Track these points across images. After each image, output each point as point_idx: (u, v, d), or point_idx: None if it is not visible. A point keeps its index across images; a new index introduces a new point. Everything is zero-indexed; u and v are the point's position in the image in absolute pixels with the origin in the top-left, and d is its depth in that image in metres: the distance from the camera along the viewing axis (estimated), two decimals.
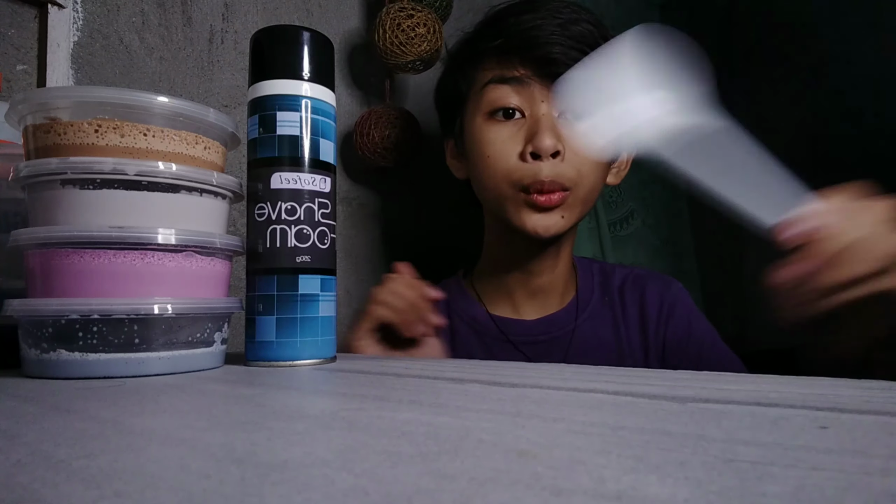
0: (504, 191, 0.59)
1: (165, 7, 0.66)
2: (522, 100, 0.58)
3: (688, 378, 0.29)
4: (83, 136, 0.33)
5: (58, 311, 0.31)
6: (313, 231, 0.38)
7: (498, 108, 0.59)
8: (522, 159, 0.58)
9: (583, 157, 0.58)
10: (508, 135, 0.59)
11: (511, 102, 0.59)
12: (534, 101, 0.58)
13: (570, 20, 0.58)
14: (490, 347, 0.66)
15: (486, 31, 0.62)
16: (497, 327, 0.66)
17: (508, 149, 0.58)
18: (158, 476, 0.13)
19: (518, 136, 0.58)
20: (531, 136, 0.57)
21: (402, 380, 0.30)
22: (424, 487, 0.12)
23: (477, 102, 0.61)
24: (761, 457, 0.14)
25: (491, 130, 0.60)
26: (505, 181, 0.59)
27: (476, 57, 0.62)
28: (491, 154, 0.59)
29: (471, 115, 0.62)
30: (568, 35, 0.57)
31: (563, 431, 0.17)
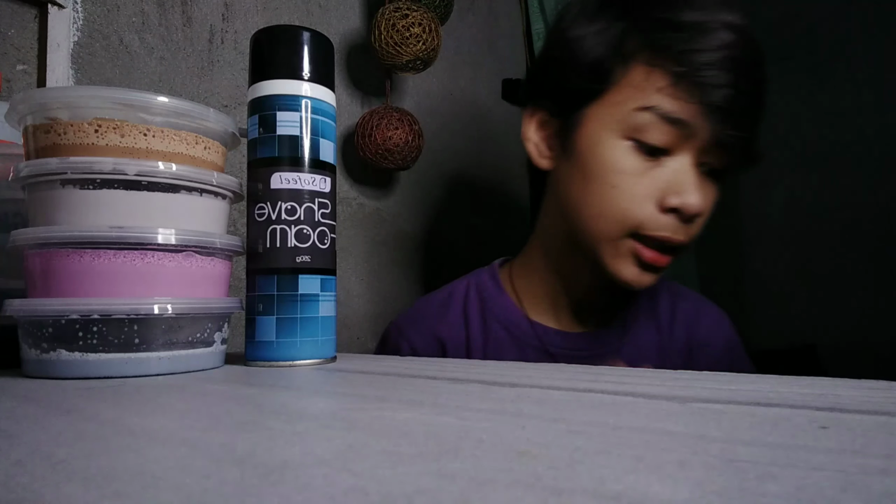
0: (612, 232, 0.51)
1: (165, 7, 0.66)
2: (677, 141, 0.49)
3: (688, 378, 0.29)
4: (83, 136, 0.33)
5: (58, 311, 0.31)
6: (313, 231, 0.38)
7: (646, 142, 0.49)
8: (658, 208, 0.49)
9: (704, 219, 0.52)
10: (643, 172, 0.50)
11: (660, 140, 0.49)
12: (689, 148, 0.49)
13: (754, 60, 0.49)
14: (526, 355, 0.59)
15: (663, 38, 0.49)
16: (537, 336, 0.59)
17: (641, 189, 0.49)
18: (158, 476, 0.13)
19: (656, 178, 0.49)
20: (676, 187, 0.49)
21: (402, 380, 0.30)
22: (424, 487, 0.12)
23: (620, 114, 0.50)
24: (761, 457, 0.14)
25: (629, 161, 0.50)
26: (622, 222, 0.50)
27: (642, 61, 0.49)
28: (618, 186, 0.50)
29: (605, 124, 0.51)
30: (752, 81, 0.49)
31: (563, 431, 0.17)
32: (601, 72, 0.51)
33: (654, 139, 0.49)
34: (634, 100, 0.49)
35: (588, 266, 0.56)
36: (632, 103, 0.49)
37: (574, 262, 0.58)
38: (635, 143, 0.50)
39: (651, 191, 0.50)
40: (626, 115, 0.50)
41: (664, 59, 0.48)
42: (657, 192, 0.49)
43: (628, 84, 0.50)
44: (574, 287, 0.60)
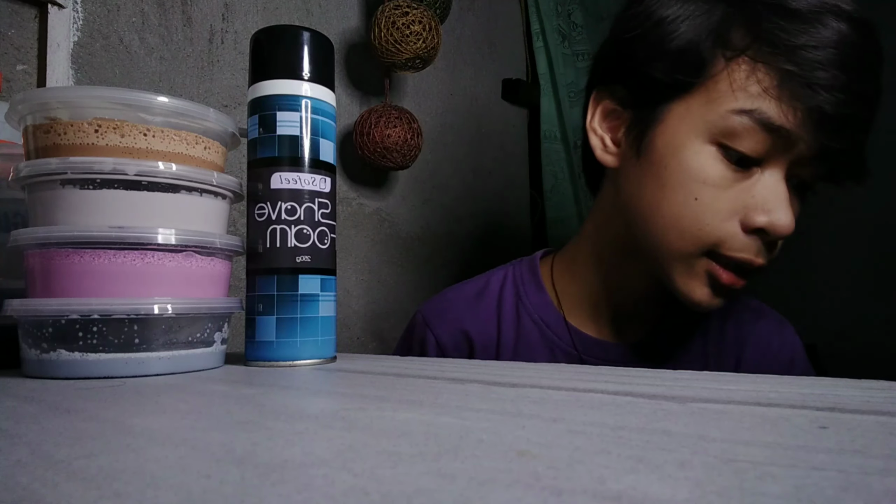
0: (687, 248, 0.45)
1: (165, 7, 0.66)
2: (772, 151, 0.43)
3: (688, 378, 0.29)
4: (83, 136, 0.33)
5: (58, 311, 0.31)
6: (313, 231, 0.38)
7: (736, 150, 0.43)
8: (743, 228, 0.44)
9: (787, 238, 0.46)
10: (731, 184, 0.44)
11: (758, 152, 0.43)
12: (782, 159, 0.43)
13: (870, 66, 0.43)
14: (557, 360, 0.54)
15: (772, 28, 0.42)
16: (572, 341, 0.54)
17: (725, 204, 0.44)
18: (158, 476, 0.13)
19: (744, 191, 0.44)
20: (765, 204, 0.43)
21: (402, 380, 0.30)
22: (424, 487, 0.12)
23: (710, 114, 0.43)
24: (761, 457, 0.14)
25: (715, 167, 0.44)
26: (701, 239, 0.44)
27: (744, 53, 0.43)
28: (701, 199, 0.44)
29: (693, 124, 0.44)
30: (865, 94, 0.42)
31: (563, 431, 0.17)
32: (695, 62, 0.44)
33: (746, 147, 0.43)
34: (732, 100, 0.42)
35: (644, 276, 0.51)
36: (729, 104, 0.43)
37: (627, 270, 0.53)
38: (722, 150, 0.44)
39: (736, 206, 0.44)
40: (719, 116, 0.43)
41: (773, 55, 0.41)
42: (742, 209, 0.43)
43: (727, 80, 0.43)
44: (622, 296, 0.54)
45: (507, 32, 1.25)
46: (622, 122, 0.50)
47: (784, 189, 0.44)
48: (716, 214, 0.44)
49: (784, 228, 0.43)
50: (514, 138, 1.27)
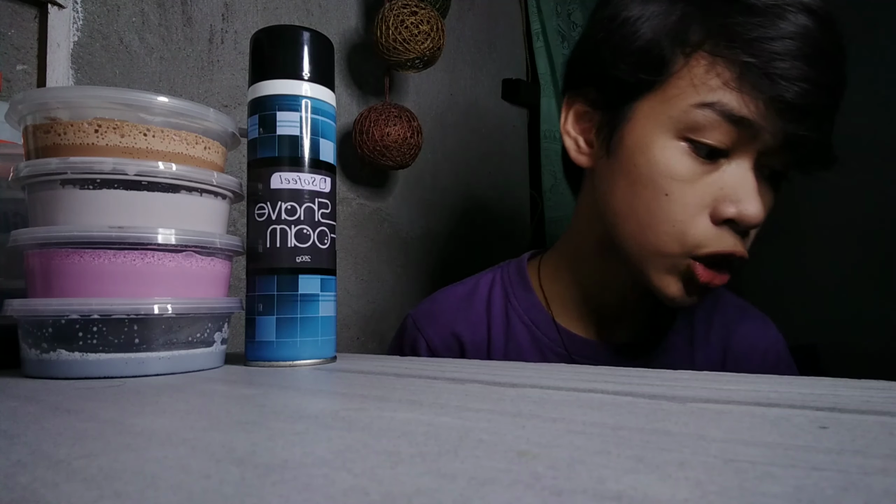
0: (666, 245, 0.45)
1: (165, 7, 0.66)
2: (738, 142, 0.44)
3: (688, 378, 0.29)
4: (83, 136, 0.33)
5: (58, 311, 0.31)
6: (313, 231, 0.38)
7: (703, 143, 0.44)
8: (713, 220, 0.44)
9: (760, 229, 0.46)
10: (700, 177, 0.44)
11: (723, 144, 0.43)
12: (749, 149, 0.44)
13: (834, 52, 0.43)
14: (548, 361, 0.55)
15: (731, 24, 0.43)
16: (562, 341, 0.55)
17: (695, 198, 0.44)
18: (158, 476, 0.13)
19: (710, 180, 0.44)
20: (733, 194, 0.43)
21: (402, 380, 0.30)
22: (424, 487, 0.12)
23: (675, 109, 0.44)
24: (761, 457, 0.14)
25: (683, 162, 0.44)
26: (676, 238, 0.45)
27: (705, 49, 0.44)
28: (672, 194, 0.44)
29: (659, 121, 0.45)
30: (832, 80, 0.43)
31: (563, 431, 0.17)
32: (657, 60, 0.45)
33: (712, 140, 0.43)
34: (694, 94, 0.43)
35: (622, 274, 0.52)
36: (691, 98, 0.43)
37: (610, 270, 0.53)
38: (689, 144, 0.44)
39: (706, 199, 0.44)
40: (683, 111, 0.44)
41: (731, 48, 0.42)
42: (712, 201, 0.44)
43: (688, 76, 0.44)
44: (607, 295, 0.55)
45: (507, 32, 1.25)
46: (594, 123, 0.51)
47: (752, 179, 0.44)
48: (686, 208, 0.44)
49: (753, 218, 0.43)
50: (514, 138, 1.27)
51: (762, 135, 0.43)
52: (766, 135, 0.43)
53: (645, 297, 0.54)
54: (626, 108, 0.47)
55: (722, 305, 0.59)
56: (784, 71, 0.41)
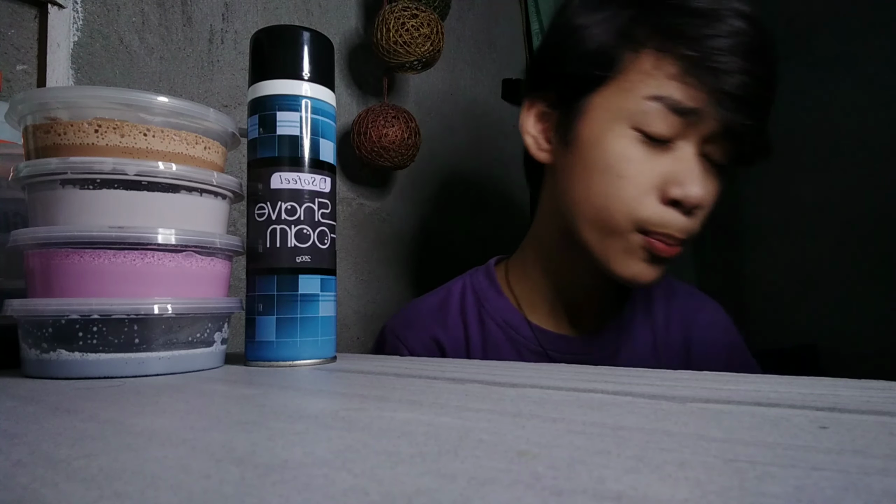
0: (620, 225, 0.49)
1: (165, 7, 0.66)
2: (679, 130, 0.48)
3: (688, 378, 0.29)
4: (83, 136, 0.33)
5: (58, 311, 0.31)
6: (313, 231, 0.38)
7: (653, 133, 0.48)
8: (660, 200, 0.48)
9: (708, 210, 0.50)
10: (649, 160, 0.49)
11: (663, 131, 0.48)
12: (691, 137, 0.48)
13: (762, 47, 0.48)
14: (525, 359, 0.58)
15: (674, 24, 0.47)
16: (536, 338, 0.58)
17: (644, 179, 0.48)
18: (158, 476, 0.13)
19: (659, 165, 0.48)
20: (678, 177, 0.48)
21: (402, 380, 0.30)
22: (424, 487, 0.12)
23: (627, 103, 0.49)
24: (761, 457, 0.14)
25: (635, 149, 0.48)
26: (628, 216, 0.49)
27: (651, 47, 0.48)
28: (626, 177, 0.48)
29: (611, 113, 0.49)
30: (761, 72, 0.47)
31: (563, 431, 0.17)
32: (608, 58, 0.49)
33: (660, 129, 0.47)
34: (643, 88, 0.48)
35: (585, 266, 0.55)
36: (641, 91, 0.48)
37: (571, 262, 0.57)
38: (640, 133, 0.48)
39: (655, 181, 0.48)
40: (634, 103, 0.48)
41: (675, 45, 0.47)
42: (662, 183, 0.48)
43: (637, 71, 0.48)
44: (573, 289, 0.58)
45: (507, 32, 1.25)
46: (552, 122, 0.55)
47: (696, 164, 0.48)
48: (638, 188, 0.48)
49: (696, 198, 0.48)
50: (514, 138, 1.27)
51: (706, 123, 0.47)
52: (709, 123, 0.47)
53: (609, 288, 0.58)
54: (581, 104, 0.51)
55: (677, 296, 0.64)
56: (725, 65, 0.46)
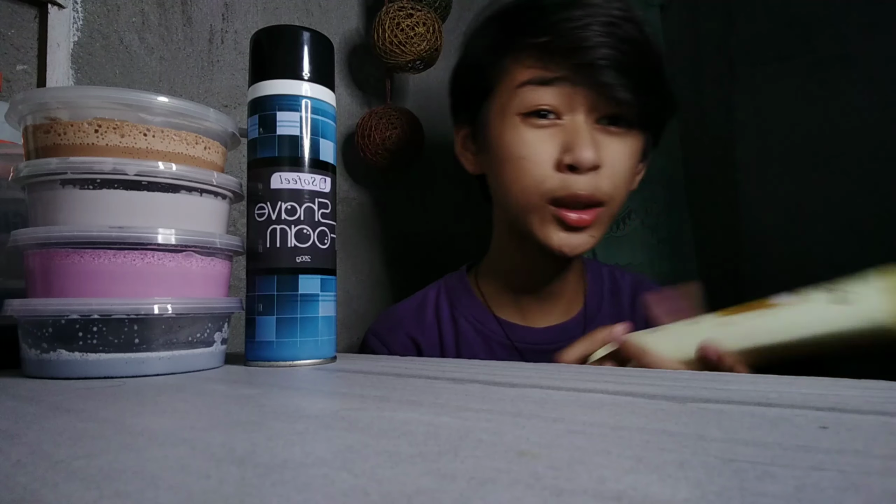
0: (533, 200, 0.55)
1: (165, 7, 0.67)
2: (561, 102, 0.54)
3: (688, 378, 0.29)
4: (83, 136, 0.33)
5: (58, 311, 0.31)
6: (313, 231, 0.38)
7: (535, 109, 0.55)
8: (558, 169, 0.54)
9: (617, 170, 0.55)
10: (544, 138, 0.55)
11: (546, 102, 0.54)
12: (573, 105, 0.55)
13: (619, 20, 0.54)
14: (495, 352, 0.63)
15: (526, 24, 0.56)
16: (504, 332, 0.63)
17: (544, 155, 0.54)
18: (158, 476, 0.13)
19: (553, 141, 0.55)
20: (569, 144, 0.53)
21: (402, 380, 0.30)
22: (424, 487, 0.12)
23: (510, 98, 0.56)
24: (761, 457, 0.14)
25: (527, 132, 0.55)
26: (536, 190, 0.55)
27: (514, 49, 0.56)
28: (526, 156, 0.55)
29: (501, 111, 0.57)
30: (617, 37, 0.53)
31: (563, 431, 0.17)
32: (488, 70, 0.59)
33: (542, 102, 0.54)
34: (516, 80, 0.56)
35: (535, 255, 0.59)
36: (514, 83, 0.56)
37: (523, 254, 0.61)
38: (530, 116, 0.55)
39: (551, 153, 0.54)
40: (512, 95, 0.56)
41: (536, 36, 0.54)
42: (556, 153, 0.54)
43: (510, 71, 0.57)
44: (530, 281, 0.63)
45: None
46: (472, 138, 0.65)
47: (583, 130, 0.54)
48: (539, 165, 0.55)
49: (587, 160, 0.52)
50: None
51: (581, 91, 0.54)
52: (584, 93, 0.54)
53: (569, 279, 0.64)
54: (483, 115, 0.61)
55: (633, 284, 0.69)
56: (582, 41, 0.52)
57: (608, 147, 0.55)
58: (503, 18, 0.59)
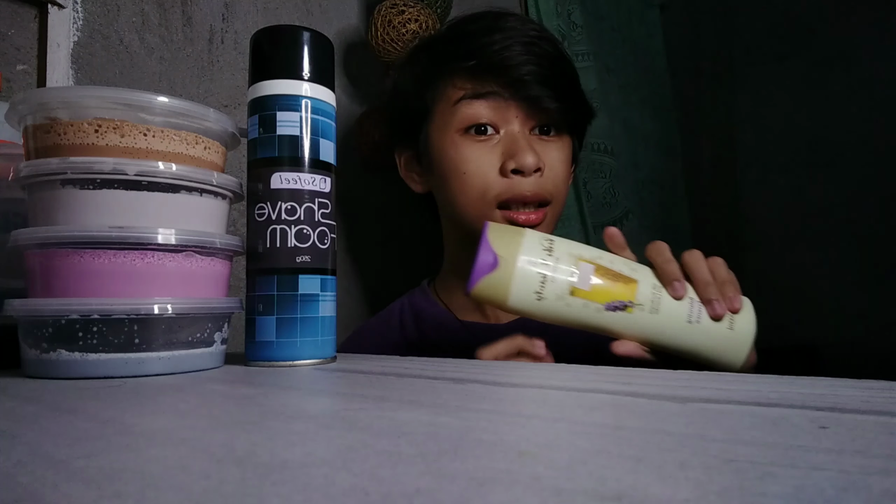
0: (481, 208, 0.59)
1: (165, 7, 0.66)
2: (497, 116, 0.59)
3: (688, 378, 0.29)
4: (83, 136, 0.33)
5: (58, 311, 0.31)
6: (313, 231, 0.38)
7: (473, 124, 0.59)
8: (503, 175, 0.58)
9: (557, 172, 0.60)
10: (484, 151, 0.59)
11: (483, 118, 0.59)
12: (507, 118, 0.59)
13: (536, 39, 0.60)
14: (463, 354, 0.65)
15: (453, 50, 0.61)
16: (469, 333, 0.66)
17: (486, 165, 0.59)
18: (158, 476, 0.13)
19: (494, 152, 0.59)
20: (510, 153, 0.58)
21: (402, 380, 0.30)
22: (424, 487, 0.12)
23: (448, 118, 0.61)
24: (761, 457, 0.14)
25: (467, 147, 0.60)
26: (483, 198, 0.59)
27: (445, 73, 0.62)
28: (468, 171, 0.59)
29: (440, 131, 0.62)
30: (537, 54, 0.59)
31: (563, 431, 0.17)
32: (424, 93, 0.64)
33: (480, 116, 0.59)
34: (452, 99, 0.60)
35: None
36: (451, 102, 0.60)
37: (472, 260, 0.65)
38: (468, 132, 0.59)
39: (493, 163, 0.58)
40: (450, 112, 0.60)
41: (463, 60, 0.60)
42: (498, 162, 0.58)
43: (445, 92, 0.62)
44: None
45: None
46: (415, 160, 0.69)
47: (522, 138, 0.58)
48: (482, 175, 0.59)
49: (531, 164, 0.56)
50: None
51: (505, 102, 0.58)
52: (515, 105, 0.58)
53: None
54: (424, 136, 0.65)
55: None
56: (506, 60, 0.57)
57: (545, 152, 0.59)
58: (431, 48, 0.65)
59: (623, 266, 0.43)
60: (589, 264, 0.42)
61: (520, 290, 0.42)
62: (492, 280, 0.42)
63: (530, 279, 0.42)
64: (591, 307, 0.42)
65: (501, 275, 0.42)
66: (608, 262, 0.43)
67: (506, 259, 0.42)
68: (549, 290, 0.42)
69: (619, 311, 0.42)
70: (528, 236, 0.43)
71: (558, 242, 0.43)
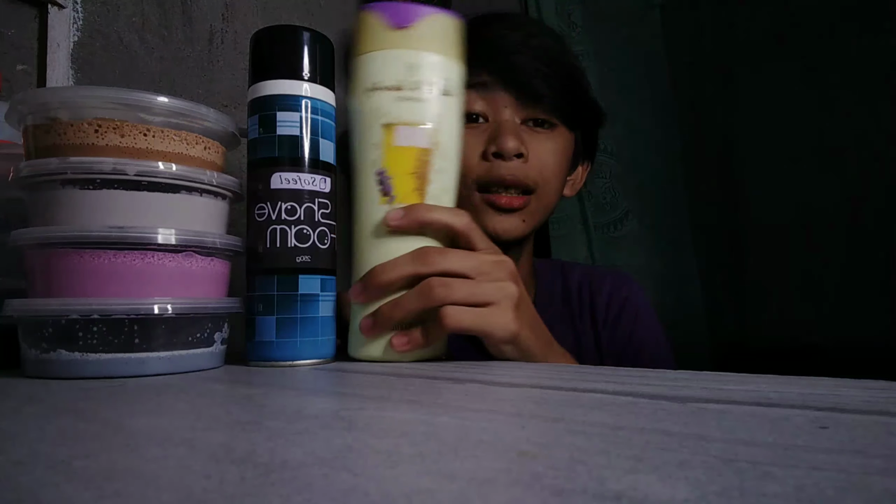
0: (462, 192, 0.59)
1: (165, 7, 0.66)
2: (486, 105, 0.59)
3: (688, 378, 0.29)
4: (83, 136, 0.33)
5: (58, 311, 0.31)
6: (313, 231, 0.38)
7: (470, 115, 0.59)
8: (484, 159, 0.58)
9: (545, 162, 0.60)
10: (470, 138, 0.59)
11: (475, 108, 0.59)
12: (497, 108, 0.59)
13: (532, 33, 0.60)
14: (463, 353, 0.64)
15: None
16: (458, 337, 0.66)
17: (469, 150, 0.58)
18: (158, 476, 0.13)
19: (480, 139, 0.59)
20: (493, 136, 0.58)
21: (402, 380, 0.30)
22: (424, 487, 0.12)
23: None
24: (761, 457, 0.14)
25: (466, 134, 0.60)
26: (464, 182, 0.58)
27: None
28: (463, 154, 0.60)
29: None
30: (531, 46, 0.59)
31: (563, 431, 0.17)
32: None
33: (468, 108, 0.57)
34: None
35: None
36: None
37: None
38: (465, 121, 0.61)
39: (478, 147, 0.59)
40: None
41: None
42: (482, 147, 0.59)
43: None
44: None
45: None
46: None
47: (507, 124, 0.58)
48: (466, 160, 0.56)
49: (510, 148, 0.56)
50: None
51: (495, 91, 0.58)
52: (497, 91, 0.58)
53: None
54: None
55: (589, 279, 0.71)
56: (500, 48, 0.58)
57: (534, 142, 0.59)
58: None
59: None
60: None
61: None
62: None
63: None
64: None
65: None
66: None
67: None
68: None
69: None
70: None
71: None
